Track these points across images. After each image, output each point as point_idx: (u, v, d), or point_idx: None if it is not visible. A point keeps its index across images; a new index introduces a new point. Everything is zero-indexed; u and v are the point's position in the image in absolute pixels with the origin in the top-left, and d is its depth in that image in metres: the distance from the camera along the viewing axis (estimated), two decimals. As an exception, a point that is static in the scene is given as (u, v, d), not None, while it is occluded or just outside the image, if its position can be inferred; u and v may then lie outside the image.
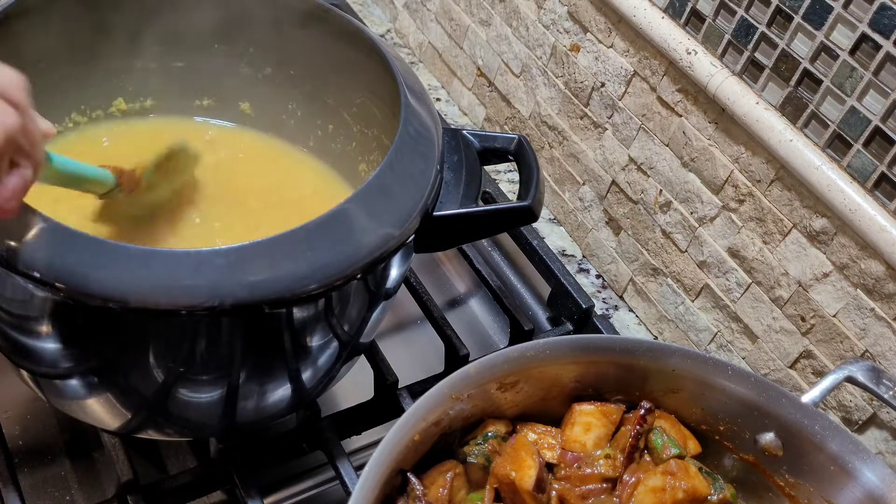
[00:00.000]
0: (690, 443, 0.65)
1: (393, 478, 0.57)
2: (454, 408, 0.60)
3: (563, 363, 0.63)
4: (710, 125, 0.80)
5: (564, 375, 0.64)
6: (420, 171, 0.61)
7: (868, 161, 0.69)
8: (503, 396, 0.63)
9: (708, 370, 0.64)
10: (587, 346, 0.64)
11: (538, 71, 0.98)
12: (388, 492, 0.58)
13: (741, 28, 0.75)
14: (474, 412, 0.62)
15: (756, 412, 0.63)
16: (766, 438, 0.63)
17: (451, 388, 0.59)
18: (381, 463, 0.55)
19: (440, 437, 0.61)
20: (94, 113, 0.76)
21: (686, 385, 0.64)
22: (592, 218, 0.97)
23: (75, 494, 0.73)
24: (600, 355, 0.64)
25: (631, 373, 0.64)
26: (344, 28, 0.71)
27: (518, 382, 0.62)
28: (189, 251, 0.52)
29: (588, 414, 0.64)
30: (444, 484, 0.59)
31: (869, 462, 0.60)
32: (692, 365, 0.64)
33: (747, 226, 0.79)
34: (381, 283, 0.62)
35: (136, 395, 0.60)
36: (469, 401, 0.61)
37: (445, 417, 0.60)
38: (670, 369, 0.64)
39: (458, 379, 0.59)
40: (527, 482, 0.58)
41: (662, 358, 0.64)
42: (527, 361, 0.62)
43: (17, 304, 0.55)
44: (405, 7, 1.19)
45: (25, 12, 0.65)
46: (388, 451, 0.55)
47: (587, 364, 0.64)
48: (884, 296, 0.70)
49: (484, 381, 0.61)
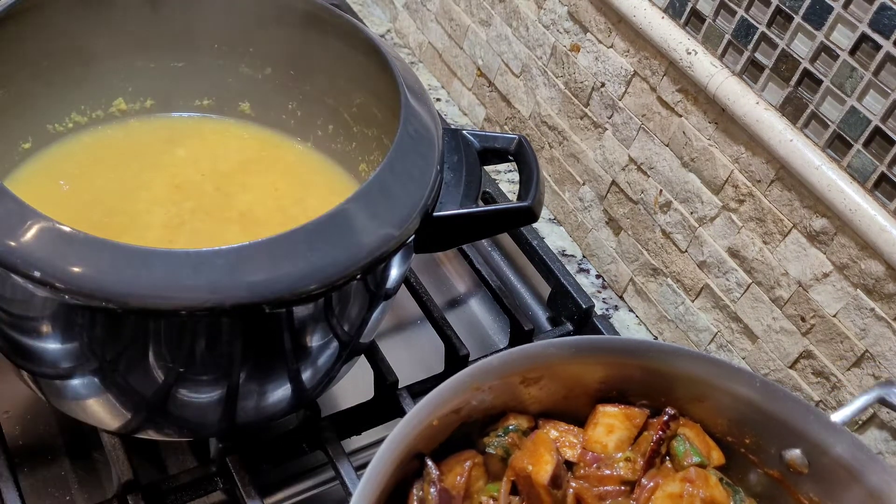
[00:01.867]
0: (714, 453, 0.65)
1: (410, 461, 0.58)
2: (476, 398, 0.60)
3: (587, 363, 0.63)
4: (710, 125, 0.80)
5: (588, 375, 0.64)
6: (420, 171, 0.61)
7: (868, 161, 0.69)
8: (526, 391, 0.63)
9: (735, 381, 0.63)
10: (611, 347, 0.64)
11: (538, 71, 0.98)
12: (405, 475, 0.58)
13: (741, 28, 0.75)
14: (496, 404, 0.62)
15: (783, 427, 0.62)
16: (791, 454, 0.62)
17: (473, 377, 0.60)
18: (397, 443, 0.55)
19: (460, 425, 0.61)
20: (94, 113, 0.76)
21: (713, 395, 0.64)
22: (592, 218, 0.97)
23: (75, 494, 0.73)
24: (625, 357, 0.63)
25: (657, 378, 0.64)
26: (344, 28, 0.71)
27: (542, 378, 0.63)
28: (189, 251, 0.52)
29: (611, 416, 0.64)
30: (462, 472, 0.60)
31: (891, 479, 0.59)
32: (719, 375, 0.63)
33: (747, 226, 0.79)
34: (381, 284, 0.62)
35: (136, 396, 0.60)
36: (491, 392, 0.61)
37: (466, 406, 0.60)
38: (697, 377, 0.63)
39: (480, 369, 0.60)
40: (543, 476, 0.58)
41: (689, 365, 0.63)
42: (550, 358, 0.62)
43: (17, 304, 0.55)
44: (405, 7, 1.19)
45: (26, 12, 0.65)
46: (406, 432, 0.56)
47: (612, 366, 0.64)
48: (884, 296, 0.70)
49: (506, 374, 0.61)
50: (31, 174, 0.72)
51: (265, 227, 0.70)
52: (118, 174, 0.73)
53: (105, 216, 0.69)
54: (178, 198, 0.72)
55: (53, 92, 0.72)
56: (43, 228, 0.51)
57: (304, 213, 0.73)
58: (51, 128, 0.74)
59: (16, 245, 0.50)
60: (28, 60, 0.69)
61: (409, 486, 0.58)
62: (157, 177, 0.74)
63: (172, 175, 0.74)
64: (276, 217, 0.72)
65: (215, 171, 0.75)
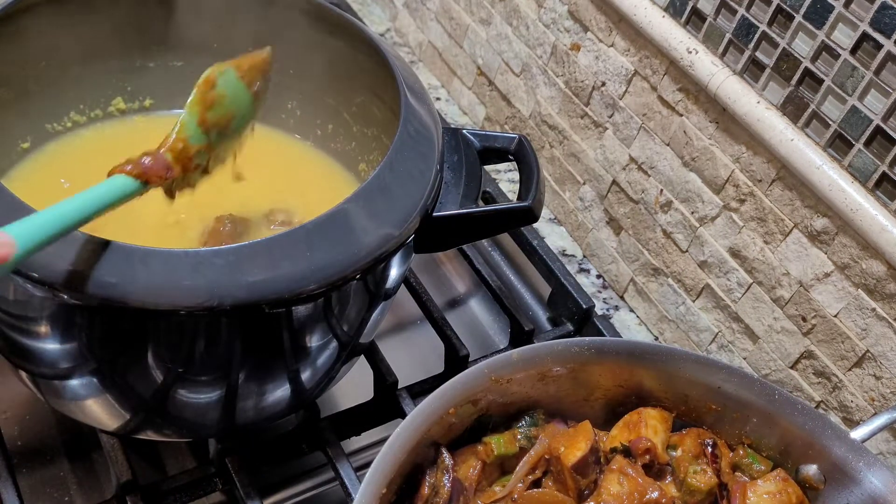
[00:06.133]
0: None
1: (425, 449, 0.59)
2: (494, 391, 0.61)
3: (608, 366, 0.64)
4: (710, 125, 0.80)
5: (608, 379, 0.64)
6: (420, 171, 0.61)
7: (869, 161, 0.68)
8: (545, 389, 0.63)
9: (757, 395, 0.63)
10: (633, 350, 0.64)
11: (538, 70, 0.98)
12: (420, 461, 0.59)
13: (742, 27, 0.75)
14: (514, 400, 0.63)
15: (800, 442, 0.62)
16: (808, 470, 0.62)
17: (492, 370, 0.60)
18: (412, 428, 0.56)
19: (477, 419, 0.62)
20: (93, 112, 0.76)
21: (730, 405, 0.64)
22: (593, 218, 0.97)
23: (74, 495, 0.73)
24: (646, 362, 0.64)
25: (673, 385, 0.64)
26: (344, 27, 0.71)
27: (561, 378, 0.63)
28: (188, 251, 0.52)
29: (654, 417, 0.64)
30: (475, 465, 0.60)
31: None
32: (739, 387, 0.63)
33: (748, 226, 0.79)
34: (381, 284, 0.62)
35: (135, 396, 0.60)
36: (510, 386, 0.61)
37: (484, 399, 0.61)
38: (715, 387, 0.63)
39: (499, 363, 0.61)
40: (570, 460, 0.59)
41: (705, 374, 0.63)
42: (572, 357, 0.63)
43: (16, 305, 0.55)
44: (405, 6, 1.19)
45: (25, 12, 0.65)
46: (422, 418, 0.57)
47: (633, 370, 0.64)
48: (885, 296, 0.70)
49: (526, 369, 0.61)
50: (29, 173, 0.72)
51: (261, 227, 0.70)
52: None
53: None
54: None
55: (52, 91, 0.72)
56: (41, 228, 0.51)
57: (303, 212, 0.73)
58: (50, 127, 0.74)
59: (14, 245, 0.50)
60: (27, 60, 0.69)
61: (423, 473, 0.59)
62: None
63: None
64: (274, 216, 0.72)
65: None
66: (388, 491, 0.55)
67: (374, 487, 0.53)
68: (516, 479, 0.61)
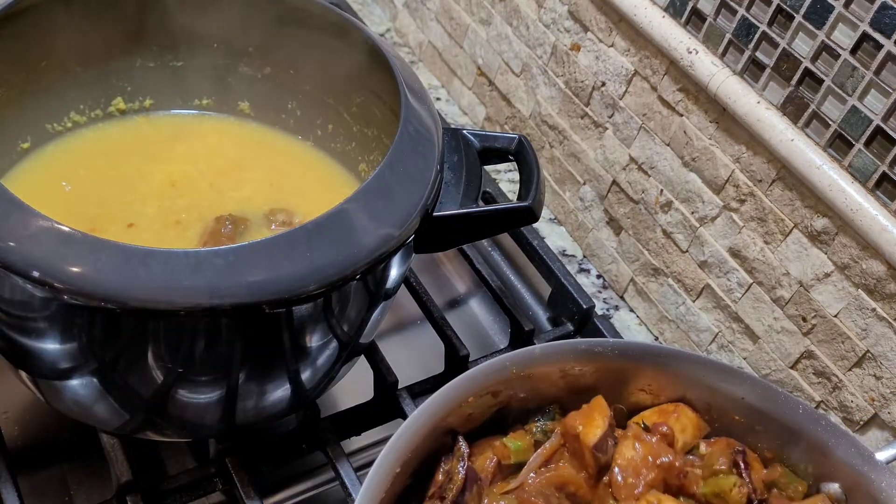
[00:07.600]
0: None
1: (443, 436, 0.59)
2: (514, 384, 0.61)
3: (629, 367, 0.64)
4: (711, 125, 0.80)
5: (628, 381, 0.64)
6: (420, 171, 0.61)
7: (869, 161, 0.68)
8: (565, 387, 0.63)
9: (781, 409, 0.62)
10: (657, 355, 0.64)
11: (538, 70, 0.98)
12: (436, 448, 0.59)
13: (742, 27, 0.75)
14: (534, 396, 0.63)
15: (822, 457, 0.61)
16: (830, 488, 0.61)
17: (514, 362, 0.60)
18: (428, 413, 0.56)
19: (497, 412, 0.62)
20: (93, 112, 0.76)
21: (753, 417, 0.63)
22: (593, 218, 0.97)
23: (74, 495, 0.73)
24: (667, 367, 0.64)
25: (694, 392, 0.64)
26: (344, 27, 0.71)
27: (582, 376, 0.63)
28: (188, 251, 0.52)
29: (688, 418, 0.64)
30: (492, 458, 0.60)
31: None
32: (761, 399, 0.62)
33: (748, 226, 0.79)
34: (381, 284, 0.62)
35: (135, 396, 0.60)
36: (531, 381, 0.61)
37: (504, 391, 0.61)
38: (738, 397, 0.63)
39: (522, 356, 0.61)
40: (590, 438, 0.59)
41: (728, 384, 0.63)
42: (594, 357, 0.63)
43: (16, 305, 0.55)
44: (405, 6, 1.19)
45: (25, 12, 0.65)
46: (439, 403, 0.57)
47: (655, 374, 0.64)
48: (885, 296, 0.70)
49: (547, 365, 0.62)
50: (29, 173, 0.72)
51: (261, 227, 0.70)
52: (117, 173, 0.73)
53: (103, 215, 0.69)
54: (173, 194, 0.72)
55: (52, 91, 0.72)
56: (42, 228, 0.51)
57: (303, 212, 0.73)
58: (50, 127, 0.74)
59: (14, 245, 0.50)
60: (27, 60, 0.69)
61: (439, 460, 0.59)
62: (155, 174, 0.73)
63: (169, 172, 0.74)
64: (274, 216, 0.72)
65: (212, 169, 0.75)
66: (402, 471, 0.55)
67: (389, 464, 0.54)
68: (528, 470, 0.60)
